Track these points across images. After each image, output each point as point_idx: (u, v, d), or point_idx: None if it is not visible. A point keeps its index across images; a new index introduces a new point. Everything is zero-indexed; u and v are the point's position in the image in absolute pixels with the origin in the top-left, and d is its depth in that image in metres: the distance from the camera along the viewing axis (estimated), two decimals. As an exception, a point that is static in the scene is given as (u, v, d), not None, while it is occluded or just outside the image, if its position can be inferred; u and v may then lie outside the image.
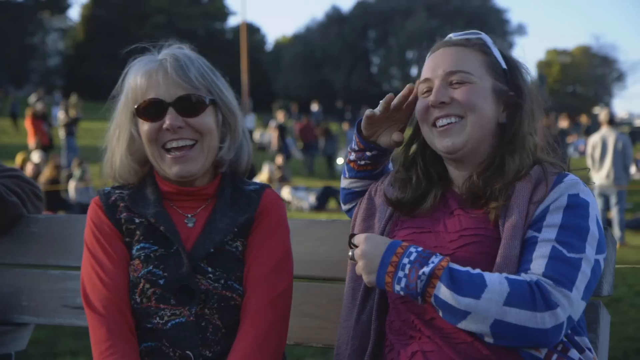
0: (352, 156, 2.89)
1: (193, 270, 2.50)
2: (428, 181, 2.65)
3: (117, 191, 2.67)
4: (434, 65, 2.56)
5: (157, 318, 2.49)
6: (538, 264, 2.26)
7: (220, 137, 2.65)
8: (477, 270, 2.25)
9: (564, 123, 15.69)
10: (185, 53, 2.62)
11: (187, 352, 2.46)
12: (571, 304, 2.21)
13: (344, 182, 3.00)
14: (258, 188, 2.73)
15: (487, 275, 2.23)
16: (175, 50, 2.62)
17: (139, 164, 2.65)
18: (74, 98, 37.00)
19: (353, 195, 2.97)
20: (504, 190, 2.41)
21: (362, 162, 2.88)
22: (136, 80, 2.57)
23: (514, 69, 2.57)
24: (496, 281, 2.20)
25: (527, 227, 2.37)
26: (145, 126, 2.56)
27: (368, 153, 2.85)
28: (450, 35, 2.64)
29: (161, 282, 2.49)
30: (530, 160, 2.49)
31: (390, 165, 3.01)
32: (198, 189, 2.64)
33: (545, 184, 2.41)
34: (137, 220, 2.59)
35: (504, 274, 2.25)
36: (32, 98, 37.51)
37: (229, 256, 2.57)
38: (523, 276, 2.24)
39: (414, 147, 2.72)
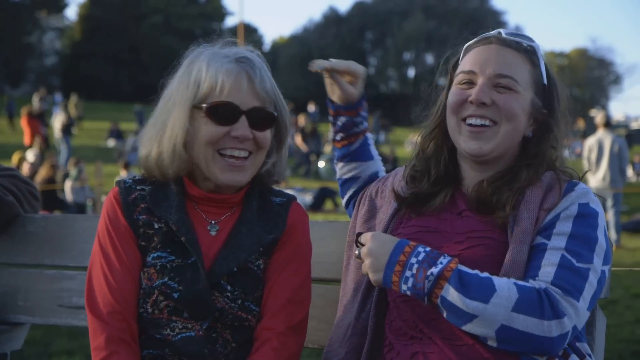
0: (332, 134, 2.93)
1: (211, 287, 2.42)
2: (442, 179, 2.63)
3: (138, 187, 2.55)
4: (483, 60, 2.50)
5: (168, 330, 2.42)
6: (547, 272, 2.25)
7: (269, 151, 2.58)
8: (486, 274, 2.24)
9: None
10: (258, 59, 2.52)
11: None
12: (577, 314, 2.21)
13: (337, 172, 3.05)
14: (285, 201, 2.64)
15: (496, 280, 2.22)
16: (248, 54, 2.51)
17: (188, 157, 2.49)
18: (74, 98, 37.03)
19: (347, 184, 3.02)
20: (511, 198, 2.40)
21: (339, 137, 2.94)
22: (215, 76, 2.43)
23: (552, 86, 2.55)
24: (505, 286, 2.19)
25: (536, 233, 2.36)
26: (210, 127, 2.43)
27: (339, 123, 2.93)
28: (499, 30, 2.59)
29: (175, 295, 2.40)
30: (543, 171, 2.47)
31: (382, 172, 3.05)
32: (226, 197, 2.55)
33: (556, 191, 2.40)
34: (156, 226, 2.48)
35: (512, 279, 2.23)
36: (35, 98, 37.49)
37: (250, 275, 2.49)
38: (532, 283, 2.23)
39: (434, 140, 2.67)
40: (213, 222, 2.54)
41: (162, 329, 2.43)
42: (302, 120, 34.99)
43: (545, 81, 2.53)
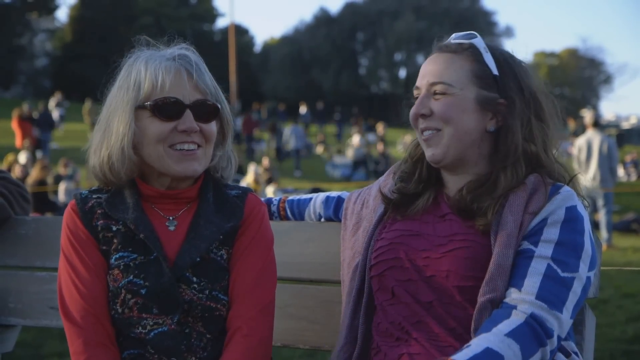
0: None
1: (178, 280, 2.45)
2: (427, 181, 2.65)
3: (94, 196, 2.59)
4: (423, 73, 2.57)
5: (140, 327, 2.45)
6: (532, 282, 2.26)
7: (216, 144, 2.62)
8: (481, 346, 2.16)
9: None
10: (194, 56, 2.56)
11: (173, 359, 2.43)
12: (561, 325, 2.24)
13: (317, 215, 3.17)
14: (241, 193, 2.68)
15: (492, 345, 2.15)
16: (187, 52, 2.56)
17: (138, 159, 2.53)
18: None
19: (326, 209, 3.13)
20: (492, 206, 2.40)
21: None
22: (155, 75, 2.48)
23: (507, 75, 2.53)
24: (505, 347, 2.15)
25: (522, 238, 2.36)
26: (157, 125, 2.48)
27: None
28: (453, 35, 2.63)
29: (143, 291, 2.43)
30: (523, 172, 2.46)
31: (329, 195, 3.14)
32: (180, 192, 2.58)
33: (541, 194, 2.40)
34: (114, 228, 2.51)
35: (500, 328, 2.19)
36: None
37: (214, 265, 2.52)
38: (515, 313, 2.22)
39: (420, 145, 2.69)
40: (171, 217, 2.58)
41: (134, 327, 2.45)
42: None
43: (496, 72, 2.52)
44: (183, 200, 2.60)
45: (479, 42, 2.55)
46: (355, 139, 33.43)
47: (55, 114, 36.58)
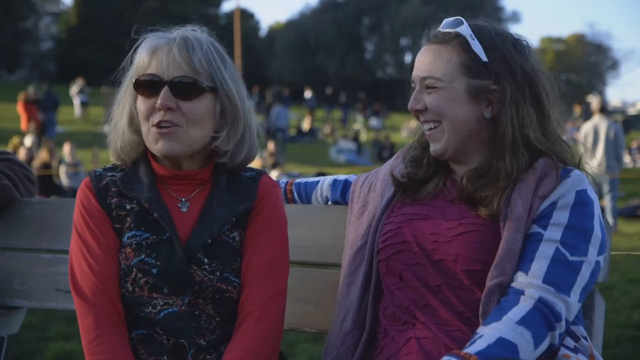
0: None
1: (189, 261, 2.44)
2: (436, 166, 2.64)
3: (109, 174, 2.60)
4: (416, 66, 2.56)
5: (150, 307, 2.45)
6: (540, 265, 2.25)
7: (217, 127, 2.57)
8: (494, 337, 2.14)
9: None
10: (196, 35, 2.54)
11: (181, 340, 2.43)
12: (569, 308, 2.23)
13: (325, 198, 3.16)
14: (255, 175, 2.67)
15: (505, 335, 2.14)
16: (187, 31, 2.55)
17: (140, 138, 2.56)
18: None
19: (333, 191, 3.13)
20: (497, 196, 2.39)
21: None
22: (141, 55, 2.51)
23: (497, 59, 2.46)
24: (518, 335, 2.14)
25: (531, 221, 2.35)
26: (141, 103, 2.50)
27: None
28: (443, 22, 2.57)
29: (154, 271, 2.43)
30: (526, 157, 2.43)
31: (336, 177, 3.13)
32: (192, 173, 2.57)
33: (551, 178, 2.38)
34: (128, 207, 2.52)
35: (510, 316, 2.18)
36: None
37: (226, 247, 2.51)
38: (523, 299, 2.22)
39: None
40: (183, 199, 2.58)
41: (144, 307, 2.45)
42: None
43: (485, 58, 2.47)
44: (196, 182, 2.59)
45: (465, 29, 2.49)
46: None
47: (77, 101, 36.55)
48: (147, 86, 2.49)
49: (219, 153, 2.59)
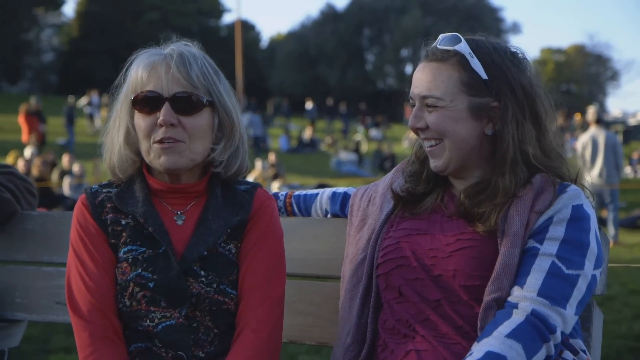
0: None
1: (185, 273, 2.46)
2: (435, 180, 2.65)
3: (104, 190, 2.62)
4: (415, 83, 2.54)
5: (148, 320, 2.46)
6: (535, 279, 2.26)
7: (215, 140, 2.59)
8: (482, 351, 2.17)
9: (560, 120, 15.60)
10: (191, 50, 2.56)
11: (180, 352, 2.44)
12: (565, 321, 2.24)
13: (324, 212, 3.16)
14: (250, 188, 2.68)
15: (493, 348, 2.16)
16: (181, 47, 2.57)
17: (136, 155, 2.58)
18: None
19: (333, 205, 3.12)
20: (494, 212, 2.39)
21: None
22: (138, 71, 2.52)
23: (497, 77, 2.46)
24: (507, 347, 2.16)
25: (528, 237, 2.35)
26: (140, 120, 2.51)
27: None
28: (440, 37, 2.55)
29: (151, 284, 2.44)
30: (524, 174, 2.44)
31: (336, 189, 3.13)
32: (187, 186, 2.59)
33: (548, 194, 2.39)
34: (123, 222, 2.54)
35: (500, 330, 2.20)
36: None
37: (222, 259, 2.53)
38: (515, 312, 2.23)
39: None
40: (179, 212, 2.59)
41: (142, 320, 2.47)
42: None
43: (485, 76, 2.46)
44: (191, 195, 2.61)
45: (463, 47, 2.48)
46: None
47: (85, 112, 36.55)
48: (147, 103, 2.50)
49: (214, 164, 2.62)
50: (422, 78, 2.51)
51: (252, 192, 2.67)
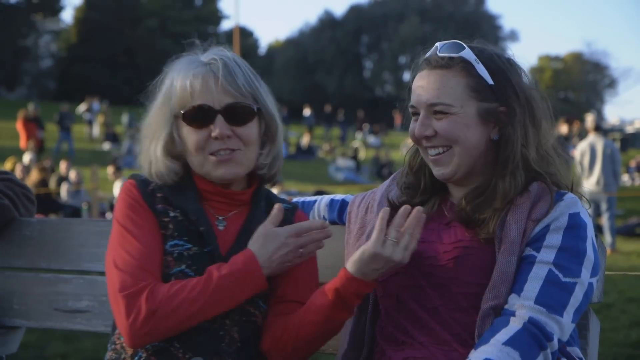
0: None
1: None
2: (432, 188, 2.65)
3: (152, 181, 2.59)
4: (418, 92, 2.52)
5: None
6: (532, 287, 2.27)
7: (261, 144, 2.62)
8: (480, 358, 2.18)
9: (563, 129, 15.60)
10: (231, 57, 2.55)
11: (199, 357, 2.40)
12: (562, 329, 2.25)
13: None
14: (291, 208, 2.70)
15: (490, 356, 2.17)
16: (221, 54, 2.55)
17: (180, 166, 2.57)
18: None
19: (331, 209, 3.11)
20: (493, 218, 2.40)
21: None
22: (184, 82, 2.49)
23: (502, 82, 2.48)
24: (504, 355, 2.16)
25: (525, 244, 2.36)
26: (192, 134, 2.50)
27: None
28: (437, 45, 2.55)
29: None
30: (522, 179, 2.44)
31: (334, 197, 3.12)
32: (235, 193, 2.60)
33: (545, 202, 2.39)
34: (171, 214, 2.52)
35: (497, 337, 2.20)
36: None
37: None
38: (513, 320, 2.23)
39: (419, 156, 2.67)
40: (220, 217, 2.59)
41: None
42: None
43: (491, 81, 2.48)
44: (235, 202, 2.61)
45: (468, 54, 2.49)
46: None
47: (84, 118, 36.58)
48: (198, 117, 2.49)
49: (260, 167, 2.64)
50: (428, 86, 2.49)
51: (293, 212, 2.69)
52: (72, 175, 18.45)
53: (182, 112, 2.50)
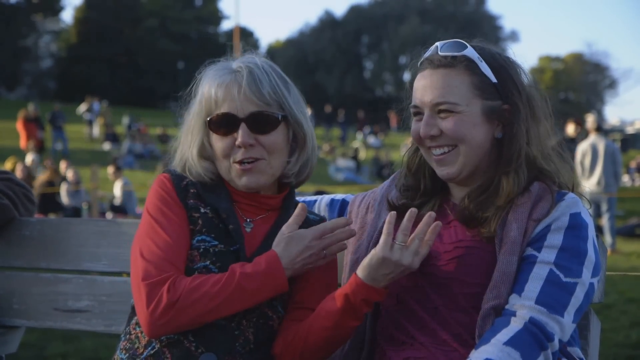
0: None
1: None
2: (432, 189, 2.65)
3: (185, 176, 2.62)
4: (421, 92, 2.51)
5: None
6: (533, 287, 2.27)
7: (290, 152, 2.62)
8: (481, 358, 2.18)
9: (570, 130, 15.53)
10: (260, 65, 2.57)
11: (212, 353, 2.40)
12: (563, 329, 2.24)
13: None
14: (318, 220, 2.71)
15: (491, 356, 2.16)
16: (249, 61, 2.57)
17: (214, 166, 2.60)
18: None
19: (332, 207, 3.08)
20: (495, 216, 2.40)
21: None
22: (211, 90, 2.53)
23: (505, 79, 2.48)
24: (505, 355, 2.16)
25: (526, 244, 2.36)
26: (218, 142, 2.54)
27: None
28: (437, 44, 2.55)
29: None
30: (525, 176, 2.44)
31: (334, 197, 3.10)
32: (264, 197, 2.61)
33: (546, 201, 2.39)
34: (202, 210, 2.54)
35: (498, 337, 2.20)
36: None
37: None
38: (514, 320, 2.23)
39: (418, 156, 2.68)
40: (248, 220, 2.61)
41: None
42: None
43: (494, 79, 2.48)
44: (264, 207, 2.63)
45: (471, 52, 2.48)
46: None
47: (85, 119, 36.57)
48: (222, 125, 2.52)
49: (287, 174, 2.64)
50: (432, 85, 2.48)
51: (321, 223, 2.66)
52: (70, 174, 18.45)
53: (208, 119, 2.54)
